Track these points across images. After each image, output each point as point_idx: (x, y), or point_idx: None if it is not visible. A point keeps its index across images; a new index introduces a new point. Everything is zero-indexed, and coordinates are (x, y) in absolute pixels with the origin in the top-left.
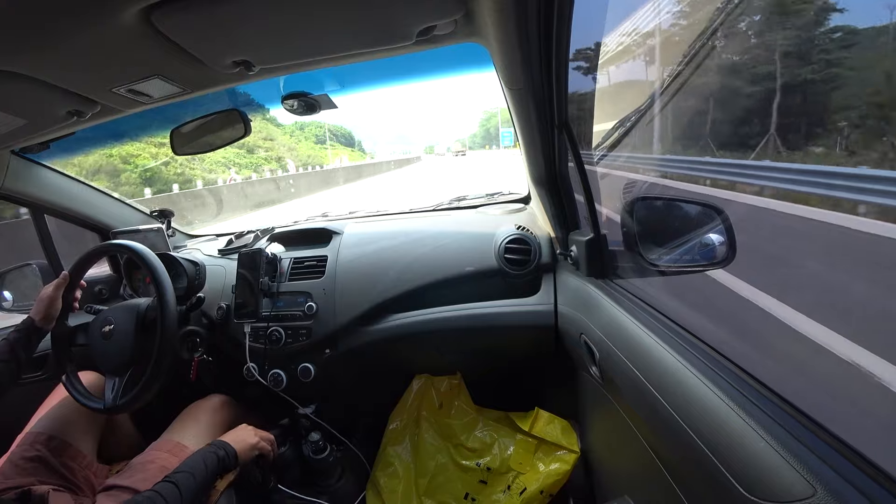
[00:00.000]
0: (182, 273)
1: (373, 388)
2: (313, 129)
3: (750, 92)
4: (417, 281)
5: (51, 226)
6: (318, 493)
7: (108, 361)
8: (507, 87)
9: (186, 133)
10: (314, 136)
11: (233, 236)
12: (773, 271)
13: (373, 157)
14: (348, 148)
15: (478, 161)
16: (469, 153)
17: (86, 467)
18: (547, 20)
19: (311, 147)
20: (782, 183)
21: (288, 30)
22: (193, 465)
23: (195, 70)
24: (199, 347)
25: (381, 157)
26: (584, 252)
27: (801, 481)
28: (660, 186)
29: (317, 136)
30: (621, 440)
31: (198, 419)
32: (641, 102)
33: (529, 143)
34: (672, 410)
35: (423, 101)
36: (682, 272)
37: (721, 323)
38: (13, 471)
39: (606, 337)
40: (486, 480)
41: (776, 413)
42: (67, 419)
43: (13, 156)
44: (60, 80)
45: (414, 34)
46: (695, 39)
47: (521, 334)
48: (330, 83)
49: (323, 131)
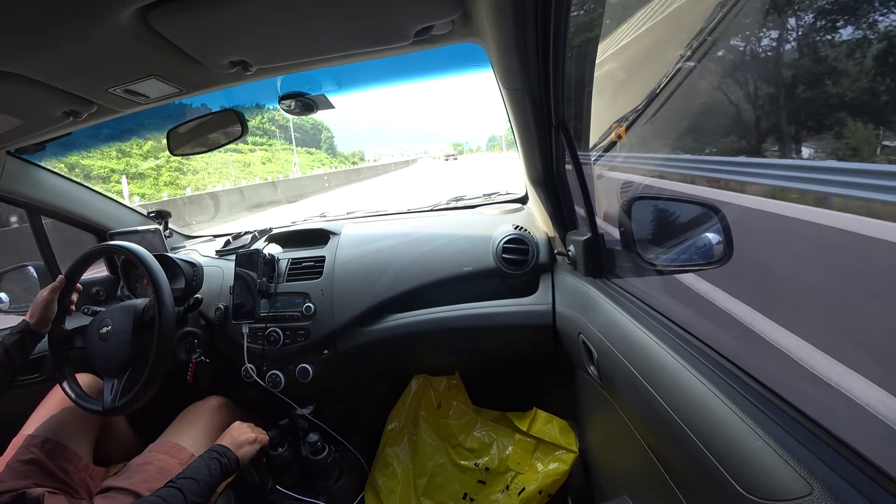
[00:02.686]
0: (179, 274)
1: (371, 388)
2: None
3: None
4: (415, 281)
5: (47, 227)
6: (316, 494)
7: (105, 363)
8: (505, 87)
9: (183, 133)
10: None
11: (230, 237)
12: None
13: (354, 161)
14: (311, 149)
15: (465, 164)
16: (461, 157)
17: (82, 469)
18: (544, 20)
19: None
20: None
21: (285, 30)
22: (196, 471)
23: (192, 70)
24: (196, 349)
25: (373, 159)
26: (581, 252)
27: (798, 479)
28: (657, 186)
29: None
30: (619, 440)
31: (195, 421)
32: (639, 102)
33: (527, 143)
34: (670, 409)
35: (446, 98)
36: (680, 271)
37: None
38: (9, 474)
39: (604, 336)
40: (484, 480)
41: (774, 412)
42: (63, 422)
43: (9, 156)
44: (56, 81)
45: (411, 34)
46: (693, 37)
47: (519, 334)
48: (327, 83)
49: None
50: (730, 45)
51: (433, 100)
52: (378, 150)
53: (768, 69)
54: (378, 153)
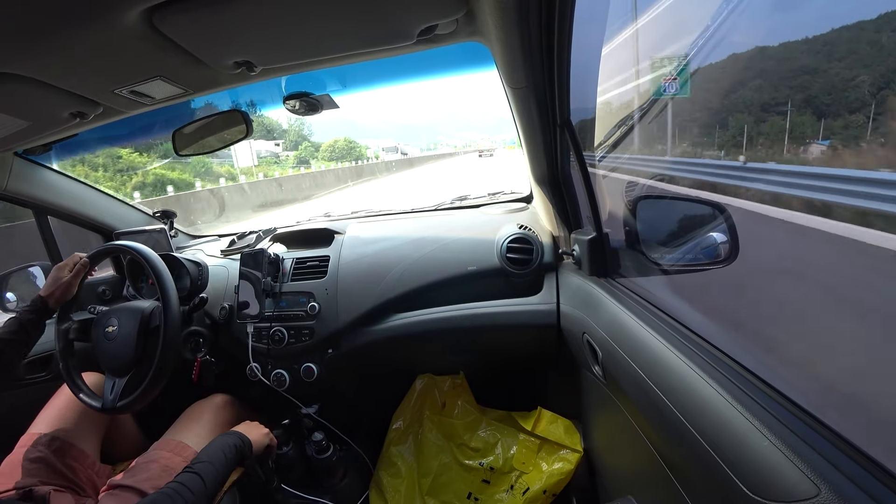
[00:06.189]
0: (185, 274)
1: (376, 387)
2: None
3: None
4: (419, 281)
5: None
6: (321, 493)
7: (109, 362)
8: (509, 86)
9: (188, 134)
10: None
11: (235, 237)
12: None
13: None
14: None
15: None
16: (498, 153)
17: (88, 467)
18: (549, 19)
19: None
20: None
21: (289, 30)
22: (213, 455)
23: (197, 71)
24: (201, 348)
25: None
26: (586, 251)
27: (805, 481)
28: (661, 186)
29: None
30: (624, 440)
31: (200, 419)
32: (644, 101)
33: (531, 143)
34: (675, 410)
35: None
36: (685, 271)
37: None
38: (16, 471)
39: (609, 336)
40: (489, 480)
41: (780, 412)
42: (70, 420)
43: (16, 157)
44: (63, 82)
45: (415, 34)
46: (699, 35)
47: (523, 334)
48: (332, 83)
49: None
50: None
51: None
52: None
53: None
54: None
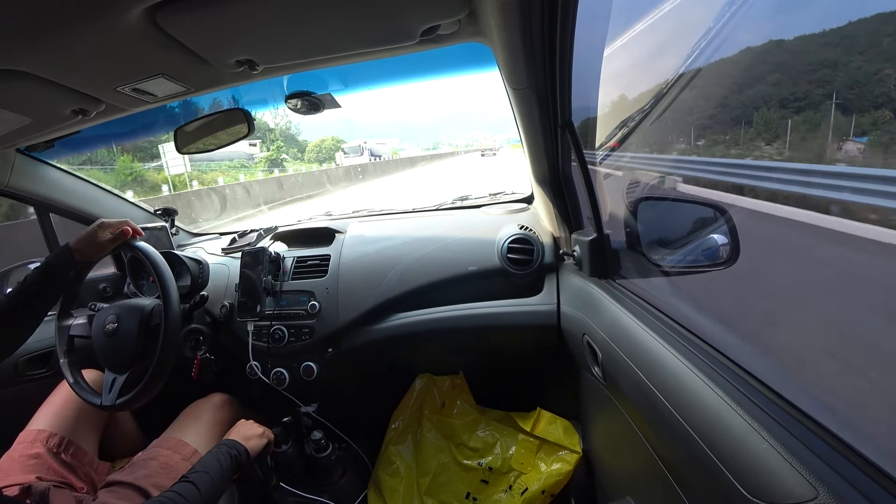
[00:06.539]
0: (186, 271)
1: (375, 386)
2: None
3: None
4: (420, 280)
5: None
6: (319, 492)
7: (109, 359)
8: (511, 86)
9: (190, 132)
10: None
11: (236, 235)
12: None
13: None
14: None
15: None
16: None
17: (87, 464)
18: (551, 19)
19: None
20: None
21: (292, 29)
22: (208, 465)
23: (199, 69)
24: (201, 346)
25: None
26: (586, 252)
27: (803, 483)
28: (663, 187)
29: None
30: (623, 441)
31: (199, 417)
32: (647, 101)
33: (533, 143)
34: (674, 411)
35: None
36: (686, 273)
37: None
38: (15, 468)
39: (609, 337)
40: (487, 480)
41: (779, 415)
42: (70, 417)
43: (18, 154)
44: (65, 79)
45: (417, 34)
46: (704, 34)
47: (523, 334)
48: (334, 82)
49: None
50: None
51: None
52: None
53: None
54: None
